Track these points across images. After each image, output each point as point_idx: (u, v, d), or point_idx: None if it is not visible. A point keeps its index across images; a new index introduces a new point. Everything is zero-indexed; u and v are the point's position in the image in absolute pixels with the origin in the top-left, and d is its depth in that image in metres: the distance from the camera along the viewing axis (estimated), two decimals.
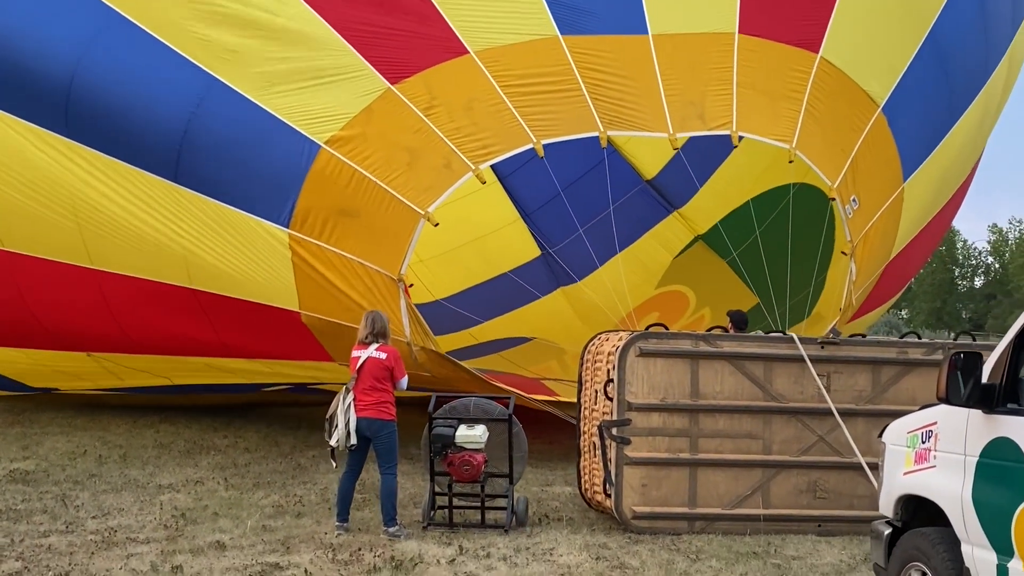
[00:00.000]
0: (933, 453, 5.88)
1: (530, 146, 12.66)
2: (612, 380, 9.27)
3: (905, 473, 6.16)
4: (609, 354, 9.61)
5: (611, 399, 9.29)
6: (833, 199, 13.68)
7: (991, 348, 5.97)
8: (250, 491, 11.12)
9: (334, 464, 9.44)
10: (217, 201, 12.71)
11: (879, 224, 14.82)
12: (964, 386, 5.57)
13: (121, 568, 7.78)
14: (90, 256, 13.79)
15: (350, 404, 9.11)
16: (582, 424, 10.34)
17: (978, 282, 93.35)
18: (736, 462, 9.53)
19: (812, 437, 9.78)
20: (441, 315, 15.48)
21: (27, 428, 15.21)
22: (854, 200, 14.22)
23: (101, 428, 15.43)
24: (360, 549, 8.53)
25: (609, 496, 9.27)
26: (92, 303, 14.19)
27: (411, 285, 12.72)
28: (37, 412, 16.51)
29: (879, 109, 14.44)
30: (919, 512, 6.17)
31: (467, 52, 12.99)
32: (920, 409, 6.54)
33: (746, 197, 14.96)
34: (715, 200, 15.50)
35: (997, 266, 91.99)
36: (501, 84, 12.90)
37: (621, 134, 13.24)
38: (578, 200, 14.91)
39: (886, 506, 6.42)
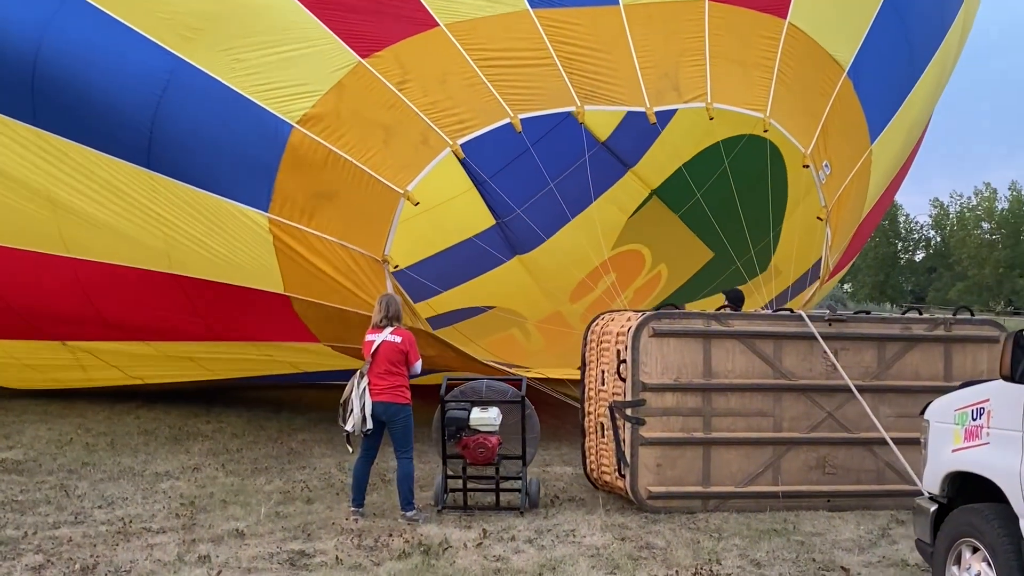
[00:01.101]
0: (986, 430, 5.93)
1: (507, 120, 12.52)
2: (625, 361, 9.25)
3: (954, 450, 6.21)
4: (619, 334, 9.61)
5: (624, 379, 9.28)
6: (807, 166, 13.82)
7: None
8: (250, 477, 11.01)
9: (350, 449, 9.36)
10: (193, 187, 12.50)
11: (850, 187, 15.04)
12: None
13: (147, 559, 7.66)
14: (66, 245, 13.57)
15: (365, 388, 9.03)
16: (587, 405, 10.35)
17: (920, 256, 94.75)
18: (748, 440, 9.58)
19: (821, 414, 9.87)
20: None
21: (2, 417, 14.93)
22: (826, 165, 14.37)
23: (79, 415, 15.24)
24: (382, 534, 8.47)
25: (623, 477, 9.27)
26: (67, 288, 13.99)
27: (396, 267, 12.58)
28: (9, 400, 16.27)
29: (845, 73, 14.65)
30: (965, 489, 6.23)
31: (437, 25, 12.81)
32: (962, 387, 6.59)
33: (697, 149, 14.87)
34: (667, 155, 15.34)
35: (938, 240, 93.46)
36: (475, 58, 12.74)
37: (598, 109, 13.13)
38: (532, 167, 14.61)
39: (931, 483, 6.48)
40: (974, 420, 6.03)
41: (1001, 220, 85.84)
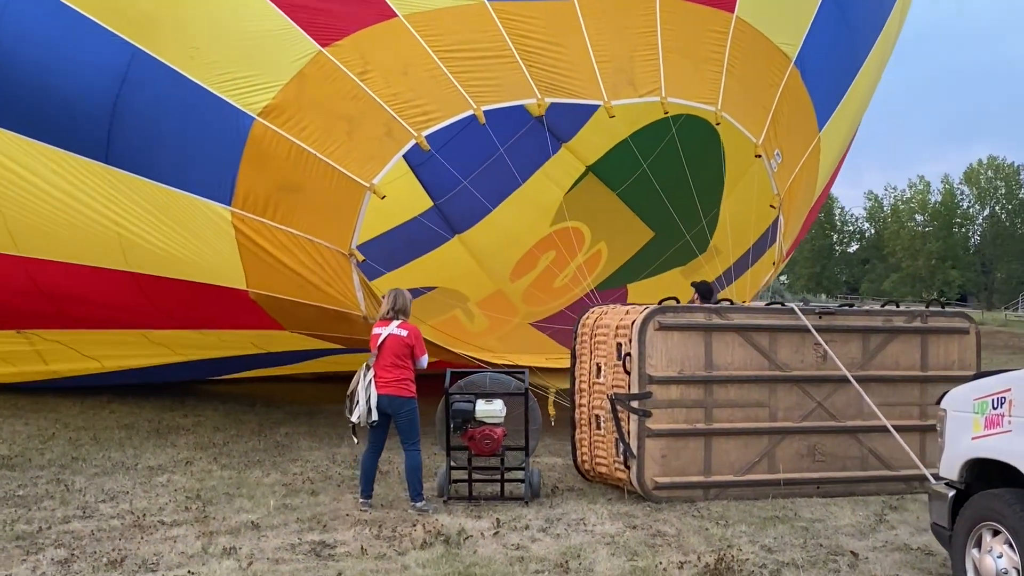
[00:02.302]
0: (1008, 418, 6.21)
1: (470, 112, 12.53)
2: (630, 354, 9.46)
3: (973, 438, 6.49)
4: (618, 327, 9.80)
5: (628, 372, 9.48)
6: (759, 155, 14.17)
7: None
8: (245, 470, 11.06)
9: (355, 440, 9.47)
10: (152, 181, 12.37)
11: (801, 175, 15.45)
12: None
13: (171, 552, 7.72)
14: (16, 244, 13.40)
15: (371, 381, 9.13)
16: (578, 397, 10.53)
17: (854, 247, 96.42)
18: (747, 430, 9.85)
19: (812, 404, 10.17)
20: None
21: None
22: (778, 154, 14.73)
23: (51, 410, 15.15)
24: (397, 525, 8.59)
25: (628, 468, 9.48)
26: (20, 287, 13.83)
27: (364, 260, 12.60)
28: None
29: (792, 63, 15.01)
30: (983, 475, 6.52)
31: (395, 15, 12.79)
32: (975, 377, 6.88)
33: (632, 128, 14.92)
34: (602, 132, 15.41)
35: (872, 232, 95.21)
36: (435, 49, 12.74)
37: (559, 101, 13.23)
38: (467, 146, 14.81)
39: (949, 470, 6.76)
40: (995, 409, 6.31)
41: (934, 213, 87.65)
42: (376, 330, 9.33)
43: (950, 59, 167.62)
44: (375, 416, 9.11)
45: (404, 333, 9.23)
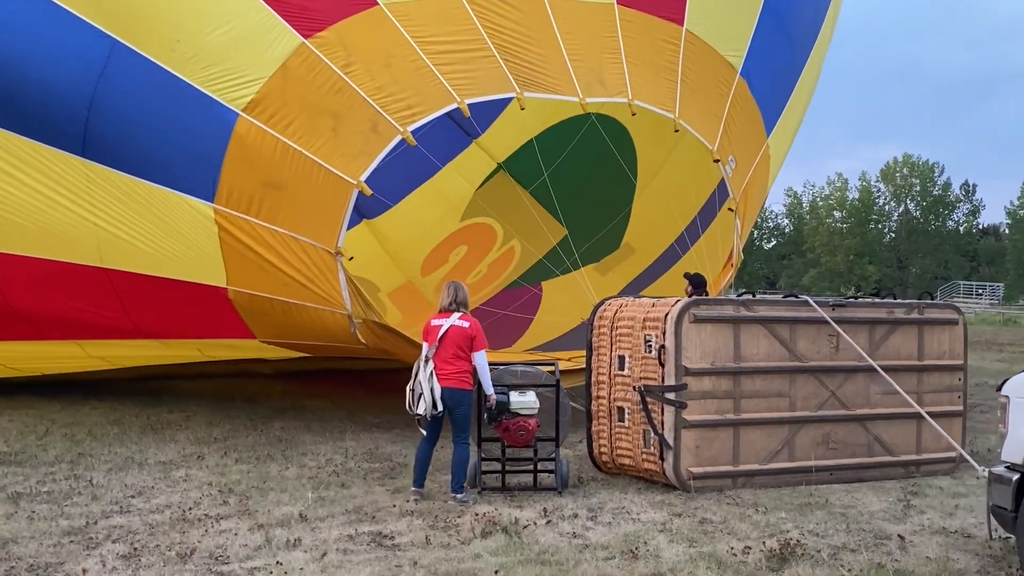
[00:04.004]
0: None
1: (455, 106, 12.59)
2: (664, 346, 9.64)
3: None
4: (646, 320, 9.97)
5: (663, 365, 9.66)
6: (717, 160, 14.58)
7: None
8: (261, 464, 11.04)
9: (424, 433, 9.40)
10: (131, 176, 12.28)
11: (753, 178, 15.95)
12: None
13: (236, 545, 7.70)
14: None
15: (432, 372, 9.18)
16: (595, 390, 10.68)
17: (772, 243, 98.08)
18: (771, 420, 10.10)
19: (826, 393, 10.47)
20: None
21: None
22: (732, 160, 15.14)
23: (29, 406, 14.93)
24: (446, 516, 8.66)
25: (664, 460, 9.66)
26: None
27: (351, 258, 12.57)
28: None
29: (738, 74, 15.49)
30: None
31: (376, 3, 12.76)
32: None
33: (544, 126, 14.95)
34: (513, 129, 15.31)
35: (791, 228, 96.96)
36: (416, 40, 12.75)
37: (538, 96, 13.35)
38: None
39: (1013, 454, 7.04)
40: None
41: (851, 210, 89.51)
42: (435, 322, 9.37)
43: (861, 58, 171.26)
44: (440, 408, 9.14)
45: (466, 325, 9.30)
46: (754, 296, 10.26)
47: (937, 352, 11.26)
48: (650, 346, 9.84)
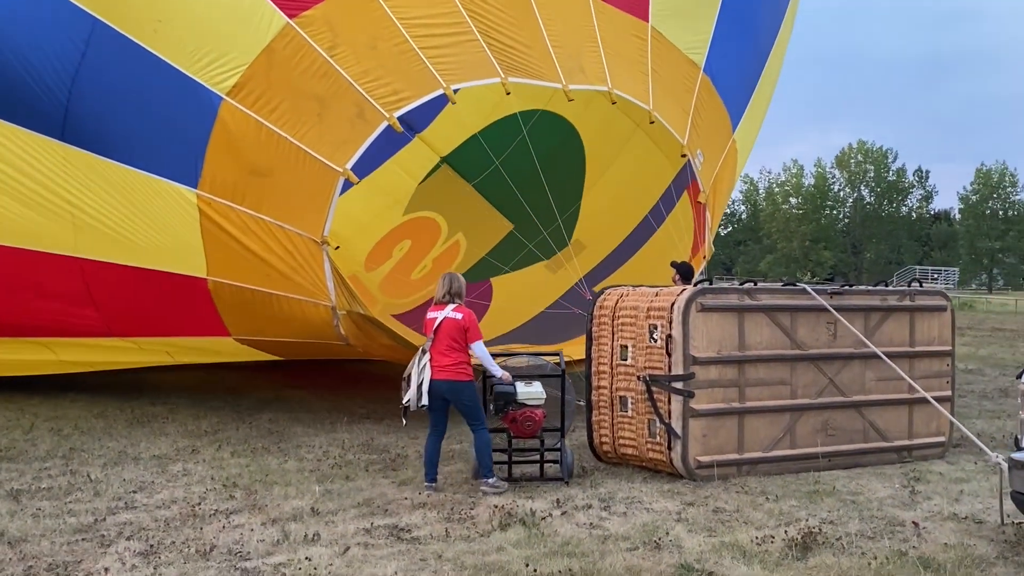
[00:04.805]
0: None
1: (440, 91, 12.52)
2: (671, 335, 9.64)
3: None
4: (650, 309, 9.96)
5: (670, 354, 9.66)
6: (685, 155, 14.74)
7: None
8: (258, 457, 10.94)
9: (404, 422, 9.41)
10: (112, 160, 12.12)
11: (721, 172, 16.14)
12: None
13: (254, 540, 7.59)
14: None
15: (425, 364, 9.14)
16: (596, 380, 10.67)
17: (728, 229, 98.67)
18: (773, 408, 10.14)
19: (824, 380, 10.53)
20: None
21: None
22: (700, 154, 15.24)
23: (9, 400, 14.73)
24: (459, 507, 8.61)
25: (671, 449, 9.67)
26: None
27: (337, 247, 12.47)
28: None
29: (701, 71, 15.64)
30: None
31: None
32: None
33: (487, 121, 14.89)
34: (456, 123, 15.08)
35: (747, 214, 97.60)
36: (401, 21, 12.64)
37: (522, 81, 13.32)
38: None
39: None
40: None
41: (807, 196, 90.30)
42: (431, 314, 9.31)
43: (810, 43, 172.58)
44: (425, 400, 9.09)
45: (459, 316, 9.24)
46: (755, 285, 10.23)
47: (927, 338, 11.37)
48: (655, 335, 9.83)
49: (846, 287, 11.18)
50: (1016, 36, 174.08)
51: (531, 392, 9.60)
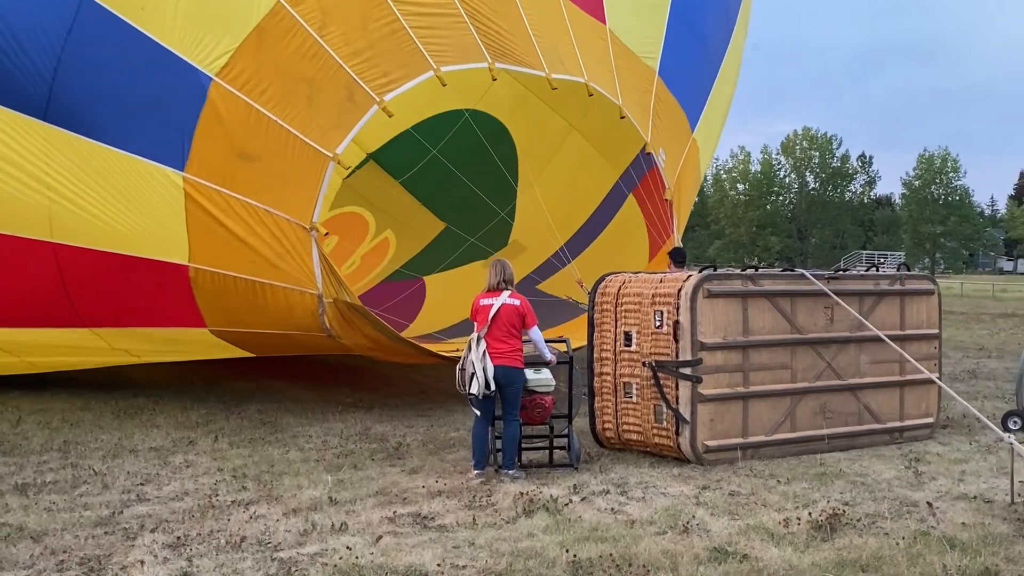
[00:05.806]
0: None
1: (430, 74, 12.51)
2: (679, 321, 9.72)
3: None
4: (655, 296, 10.04)
5: (678, 340, 9.74)
6: (649, 153, 15.04)
7: None
8: (258, 448, 10.90)
9: (478, 413, 9.36)
10: (94, 141, 11.85)
11: (684, 172, 16.43)
12: None
13: (284, 531, 7.56)
14: None
15: (485, 352, 9.15)
16: (598, 366, 10.73)
17: None
18: (776, 392, 10.27)
19: (822, 364, 10.68)
20: None
21: None
22: (661, 152, 15.45)
23: None
24: (478, 496, 8.63)
25: (680, 434, 9.76)
26: None
27: (327, 234, 12.41)
28: None
29: (656, 74, 15.93)
30: None
31: None
32: None
33: (418, 119, 14.69)
34: (384, 120, 14.42)
35: (695, 201, 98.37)
36: (395, 2, 12.60)
37: (508, 68, 13.36)
38: None
39: None
40: None
41: (754, 182, 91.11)
42: (485, 301, 9.33)
43: (757, 35, 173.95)
44: (492, 387, 9.12)
45: (517, 303, 9.30)
46: (756, 270, 10.35)
47: (916, 321, 11.57)
48: (660, 322, 9.91)
49: (840, 272, 11.34)
50: (957, 27, 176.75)
51: (541, 379, 9.64)
